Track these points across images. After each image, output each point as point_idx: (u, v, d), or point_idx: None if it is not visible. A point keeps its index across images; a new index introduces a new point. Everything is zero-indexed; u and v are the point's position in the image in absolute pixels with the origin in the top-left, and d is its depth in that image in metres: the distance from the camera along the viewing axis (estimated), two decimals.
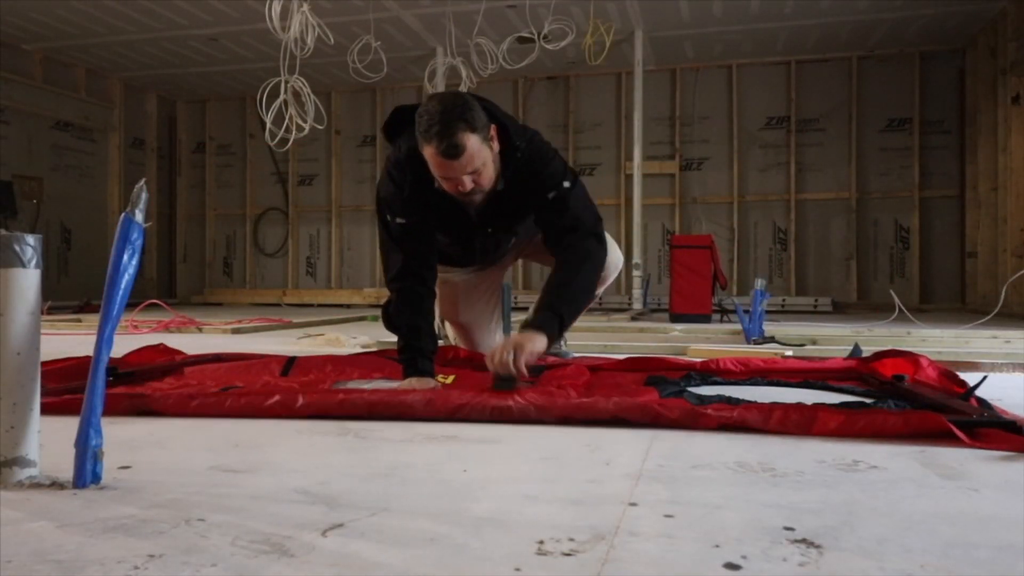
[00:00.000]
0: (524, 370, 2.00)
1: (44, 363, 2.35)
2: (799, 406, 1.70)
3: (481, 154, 2.05)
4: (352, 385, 2.21)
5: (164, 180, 10.78)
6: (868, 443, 1.55)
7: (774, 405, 1.71)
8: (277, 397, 1.87)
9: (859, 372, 2.38)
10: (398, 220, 2.28)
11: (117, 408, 1.84)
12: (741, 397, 1.91)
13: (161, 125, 10.68)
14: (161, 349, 2.86)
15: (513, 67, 7.40)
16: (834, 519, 1.06)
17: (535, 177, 2.23)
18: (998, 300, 6.12)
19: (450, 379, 2.31)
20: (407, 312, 2.27)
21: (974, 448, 1.50)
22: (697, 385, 2.26)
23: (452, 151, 2.00)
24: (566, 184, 2.25)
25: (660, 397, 1.89)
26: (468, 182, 2.08)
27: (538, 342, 2.07)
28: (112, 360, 2.51)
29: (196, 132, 10.91)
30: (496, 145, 2.13)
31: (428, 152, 2.04)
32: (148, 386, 2.19)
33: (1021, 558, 0.92)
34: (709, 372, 2.43)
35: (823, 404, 1.74)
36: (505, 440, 1.60)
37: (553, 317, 2.14)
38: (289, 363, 2.50)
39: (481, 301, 2.89)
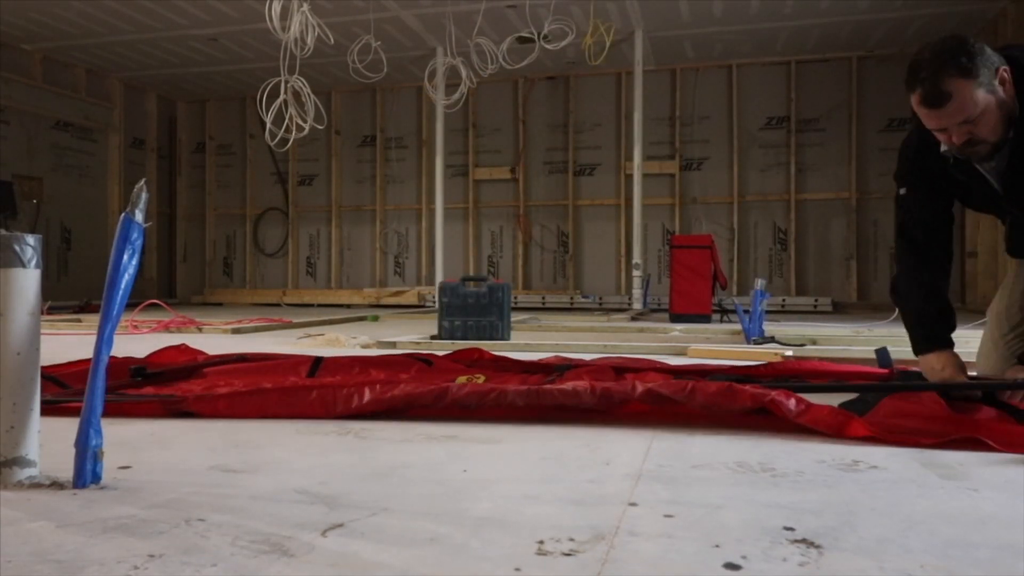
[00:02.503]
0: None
1: (66, 364, 2.37)
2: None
3: (976, 102, 1.78)
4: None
5: (164, 180, 10.78)
6: (868, 443, 1.55)
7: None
8: (315, 394, 1.86)
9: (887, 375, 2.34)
10: (900, 191, 2.15)
11: (151, 411, 1.86)
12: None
13: (161, 125, 10.68)
14: (183, 349, 2.87)
15: (513, 67, 7.40)
16: (834, 519, 1.06)
17: None
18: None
19: (480, 380, 2.31)
20: (903, 283, 2.16)
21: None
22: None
23: (934, 99, 1.79)
24: None
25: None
26: (960, 134, 1.83)
27: None
28: (138, 360, 2.53)
29: (196, 132, 10.91)
30: (1008, 88, 1.83)
31: (914, 101, 1.84)
32: (178, 387, 2.20)
33: (1021, 558, 0.92)
34: (730, 371, 2.42)
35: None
36: (505, 440, 1.60)
37: None
38: (316, 364, 2.51)
39: (1012, 303, 2.30)
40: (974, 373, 2.09)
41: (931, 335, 2.07)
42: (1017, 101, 1.86)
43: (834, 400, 2.01)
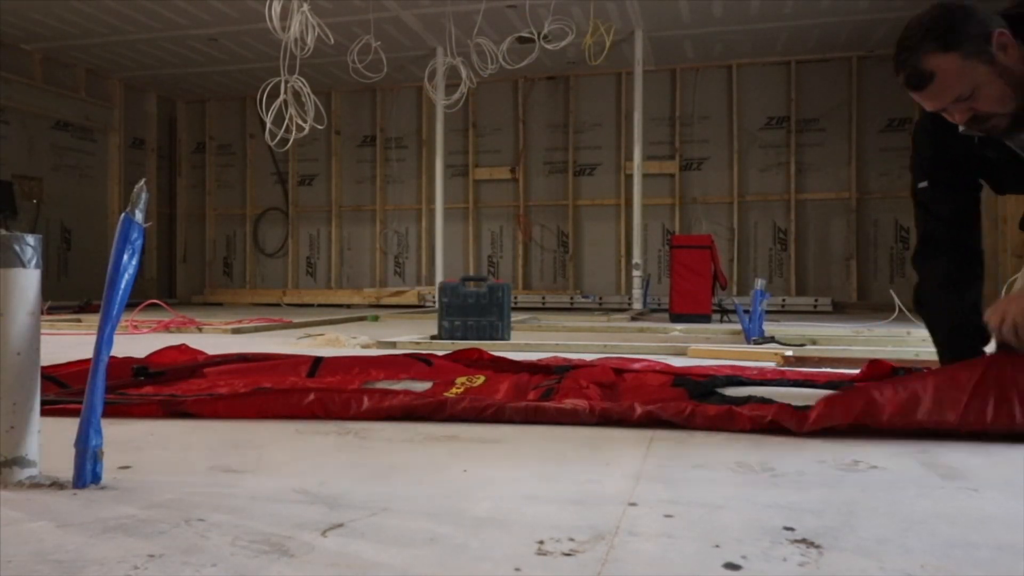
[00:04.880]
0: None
1: (66, 364, 2.37)
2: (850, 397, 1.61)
3: (966, 76, 1.60)
4: (380, 386, 2.21)
5: (164, 180, 10.78)
6: (868, 443, 1.55)
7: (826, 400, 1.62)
8: (313, 396, 1.87)
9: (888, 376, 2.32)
10: (919, 185, 1.93)
11: (151, 412, 1.85)
12: (770, 397, 1.88)
13: (161, 125, 10.68)
14: (183, 349, 2.87)
15: (513, 67, 7.40)
16: (834, 519, 1.06)
17: None
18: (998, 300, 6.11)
19: (479, 380, 2.31)
20: (928, 294, 1.94)
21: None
22: (723, 386, 2.24)
23: (915, 81, 1.66)
24: None
25: (690, 399, 1.88)
26: (960, 111, 1.66)
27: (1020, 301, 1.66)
28: (139, 361, 2.53)
29: (196, 132, 10.91)
30: (1012, 52, 1.61)
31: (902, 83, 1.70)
32: (178, 387, 2.20)
33: (1021, 558, 0.92)
34: (734, 374, 2.41)
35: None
36: (505, 440, 1.60)
37: None
38: (316, 364, 2.50)
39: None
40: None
41: (959, 354, 1.83)
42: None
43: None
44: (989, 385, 1.54)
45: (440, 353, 2.79)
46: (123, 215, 1.23)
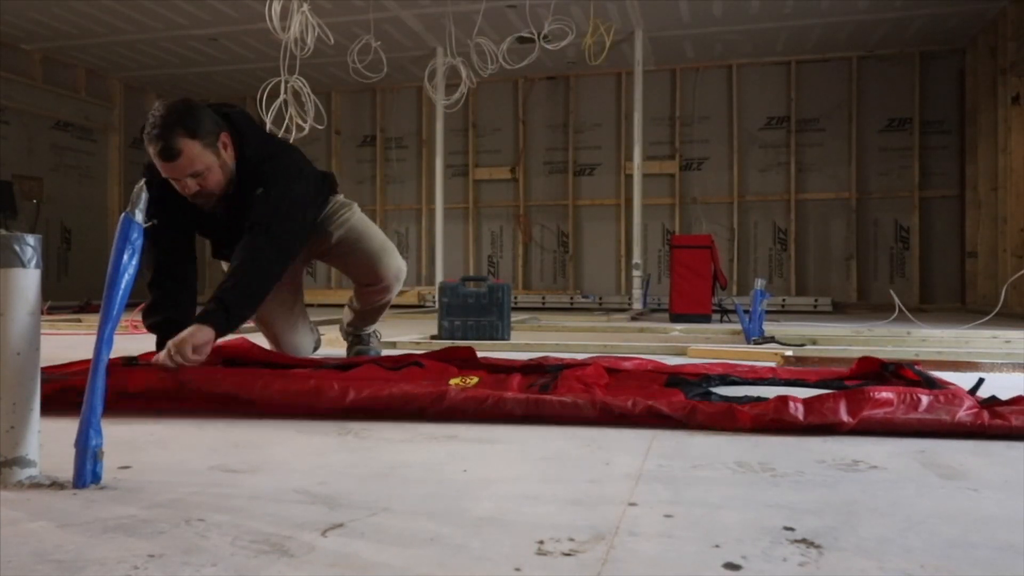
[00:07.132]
0: (188, 360, 1.99)
1: (69, 364, 2.36)
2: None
3: (203, 159, 2.22)
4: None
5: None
6: (868, 443, 1.55)
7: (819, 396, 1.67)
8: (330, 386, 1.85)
9: (878, 372, 2.33)
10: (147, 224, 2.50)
11: (151, 384, 1.88)
12: (766, 396, 1.88)
13: None
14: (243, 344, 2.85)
15: (513, 67, 7.40)
16: (834, 519, 1.06)
17: (258, 180, 2.37)
18: (998, 300, 6.12)
19: (473, 381, 2.30)
20: (163, 311, 2.51)
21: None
22: (717, 386, 2.24)
23: (167, 154, 2.17)
24: (279, 188, 2.40)
25: (686, 398, 1.87)
26: (191, 184, 2.25)
27: (201, 334, 2.09)
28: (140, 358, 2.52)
29: None
30: (229, 152, 2.31)
31: (151, 153, 2.20)
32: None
33: (1021, 558, 0.92)
34: (727, 373, 2.40)
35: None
36: (505, 440, 1.60)
37: (219, 309, 2.19)
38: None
39: (275, 301, 2.80)
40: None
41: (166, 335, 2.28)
42: (235, 159, 2.32)
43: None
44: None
45: (437, 348, 2.79)
46: (123, 215, 1.23)
